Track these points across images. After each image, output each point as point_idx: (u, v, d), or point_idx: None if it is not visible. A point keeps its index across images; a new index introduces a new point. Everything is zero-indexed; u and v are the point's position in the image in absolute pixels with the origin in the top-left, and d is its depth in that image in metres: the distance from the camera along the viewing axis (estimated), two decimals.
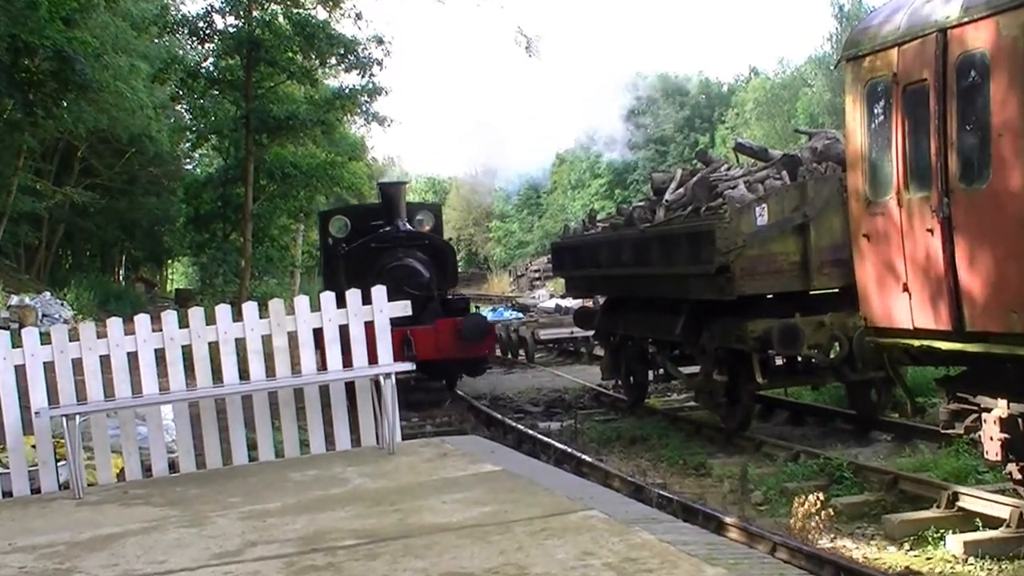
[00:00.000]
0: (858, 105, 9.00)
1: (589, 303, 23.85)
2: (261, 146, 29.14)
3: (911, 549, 8.44)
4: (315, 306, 8.59)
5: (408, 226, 19.45)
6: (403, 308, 8.67)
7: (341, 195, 39.88)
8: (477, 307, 23.81)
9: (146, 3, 32.63)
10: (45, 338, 8.17)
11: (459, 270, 24.27)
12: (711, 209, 12.80)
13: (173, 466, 8.47)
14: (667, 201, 14.37)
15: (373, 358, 8.56)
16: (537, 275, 66.68)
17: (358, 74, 28.42)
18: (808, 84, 59.32)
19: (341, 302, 8.59)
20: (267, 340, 8.45)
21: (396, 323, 8.81)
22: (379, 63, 27.95)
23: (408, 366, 8.58)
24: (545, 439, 13.78)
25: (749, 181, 12.89)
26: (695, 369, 14.31)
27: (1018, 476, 8.29)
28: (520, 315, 32.47)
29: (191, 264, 51.65)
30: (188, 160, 44.04)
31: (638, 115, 72.90)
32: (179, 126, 35.80)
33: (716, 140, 64.11)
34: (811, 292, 12.45)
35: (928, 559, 8.17)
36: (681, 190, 14.39)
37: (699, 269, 12.54)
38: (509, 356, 26.94)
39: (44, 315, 20.77)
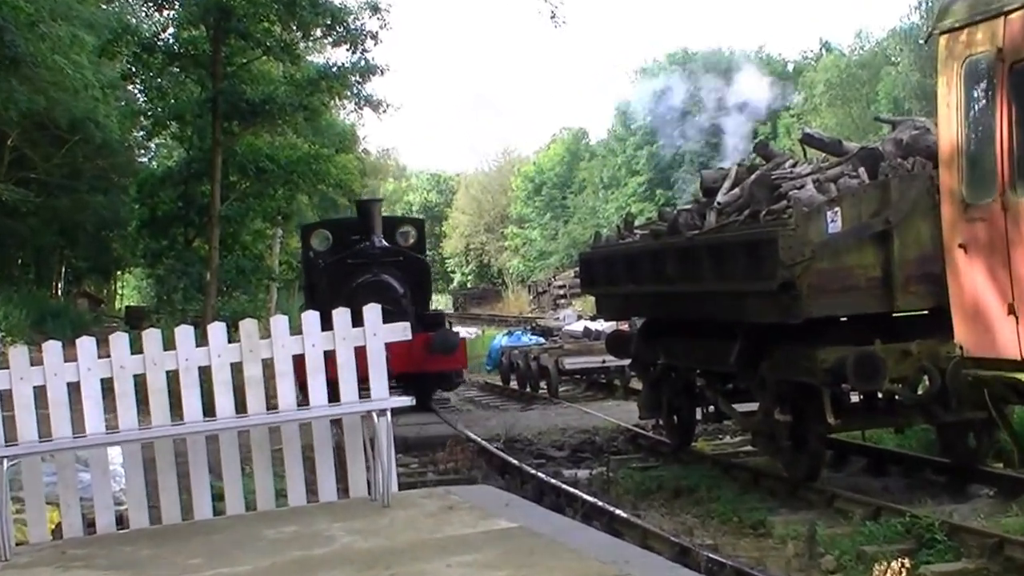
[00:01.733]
0: (953, 87, 8.97)
1: (624, 326, 23.74)
2: (231, 135, 29.18)
3: None
4: (296, 327, 8.59)
5: (384, 242, 23.80)
6: (402, 331, 8.68)
7: (327, 193, 39.95)
8: (450, 322, 27.13)
9: None
10: None
11: (469, 285, 31.50)
12: (773, 213, 12.77)
13: (121, 521, 8.47)
14: (719, 203, 14.35)
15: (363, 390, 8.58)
16: (562, 292, 66.67)
17: (348, 49, 28.46)
18: (892, 62, 59.27)
19: (326, 322, 8.59)
20: (237, 369, 8.45)
21: None
22: (373, 36, 27.95)
23: (407, 400, 8.57)
24: (571, 490, 13.76)
25: (819, 180, 12.86)
26: (753, 406, 14.26)
27: None
28: (541, 340, 32.43)
29: (145, 276, 51.82)
30: (142, 151, 44.29)
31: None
32: (131, 110, 35.86)
33: (779, 130, 64.06)
34: (894, 314, 12.40)
35: None
36: (736, 190, 14.37)
37: (758, 286, 12.51)
38: (528, 389, 26.94)
39: None
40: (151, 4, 28.63)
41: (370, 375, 8.53)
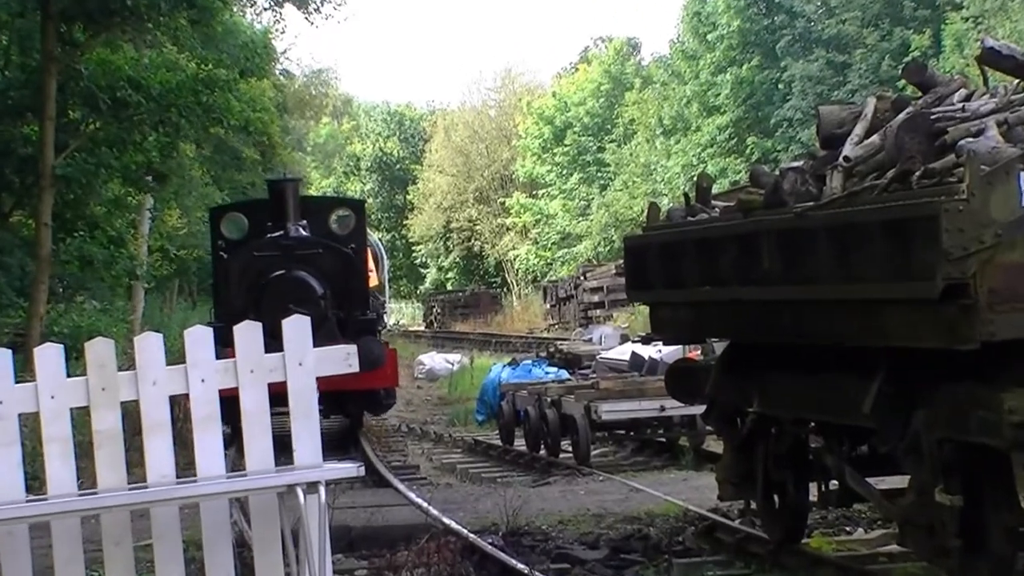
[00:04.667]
0: None
1: (695, 353, 23.73)
2: (72, 46, 29.23)
3: None
4: (176, 350, 8.60)
5: (301, 231, 28.74)
6: (344, 359, 8.71)
7: (226, 140, 39.92)
8: (380, 330, 33.35)
9: None
10: None
11: (450, 286, 39.72)
12: (933, 174, 12.78)
13: None
14: (848, 159, 14.35)
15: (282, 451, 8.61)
16: (597, 299, 66.85)
17: None
18: None
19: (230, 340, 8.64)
20: (82, 417, 8.45)
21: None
22: None
23: (351, 468, 8.59)
24: None
25: (1008, 121, 12.86)
26: (901, 482, 14.27)
27: None
28: (564, 374, 32.47)
29: None
30: None
31: None
32: None
33: (944, 42, 64.06)
34: None
35: None
36: (875, 138, 14.37)
37: (908, 291, 12.51)
38: (543, 452, 26.93)
39: None
40: None
41: (293, 429, 8.55)
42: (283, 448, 8.79)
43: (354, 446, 29.61)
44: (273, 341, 8.75)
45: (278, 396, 8.75)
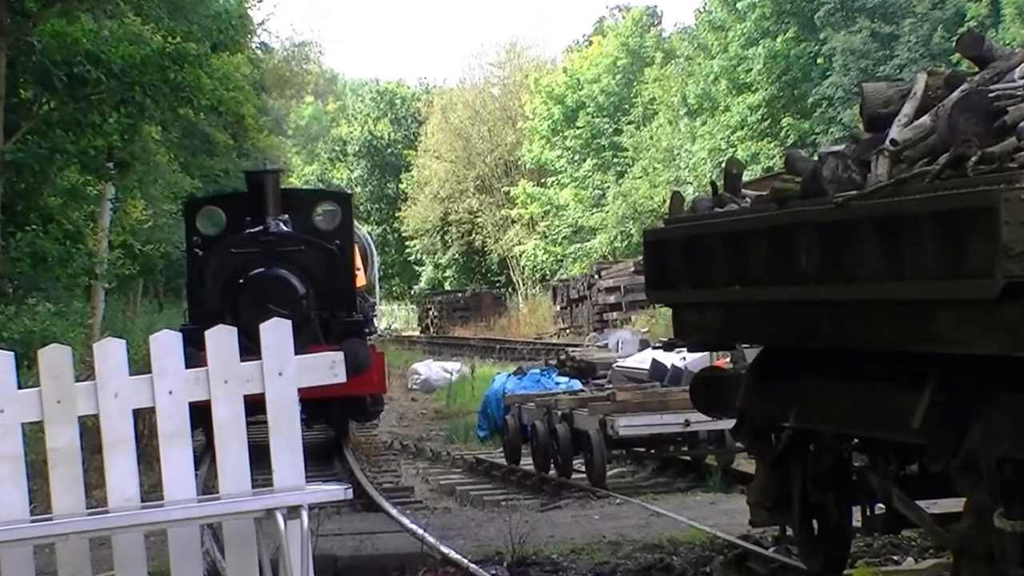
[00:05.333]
0: None
1: (723, 360, 23.70)
2: (23, 18, 29.25)
3: None
4: (140, 358, 8.60)
5: (282, 226, 29.92)
6: (329, 368, 8.70)
7: (197, 121, 39.96)
8: (368, 333, 35.06)
9: None
10: None
11: (449, 286, 40.96)
12: (990, 160, 12.78)
13: None
14: (895, 142, 14.35)
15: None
16: (613, 300, 66.78)
17: None
18: None
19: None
20: (35, 433, 8.45)
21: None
22: None
23: (337, 491, 8.59)
24: None
25: None
26: (956, 505, 14.26)
27: None
28: (576, 384, 32.44)
29: None
30: None
31: None
32: None
33: (1003, 11, 63.99)
34: None
35: None
36: (925, 119, 14.36)
37: (962, 289, 12.49)
38: (552, 472, 26.91)
39: None
40: None
41: (272, 446, 8.54)
42: (259, 460, 8.78)
43: (339, 459, 30.37)
44: (251, 343, 8.76)
45: (254, 404, 8.77)
